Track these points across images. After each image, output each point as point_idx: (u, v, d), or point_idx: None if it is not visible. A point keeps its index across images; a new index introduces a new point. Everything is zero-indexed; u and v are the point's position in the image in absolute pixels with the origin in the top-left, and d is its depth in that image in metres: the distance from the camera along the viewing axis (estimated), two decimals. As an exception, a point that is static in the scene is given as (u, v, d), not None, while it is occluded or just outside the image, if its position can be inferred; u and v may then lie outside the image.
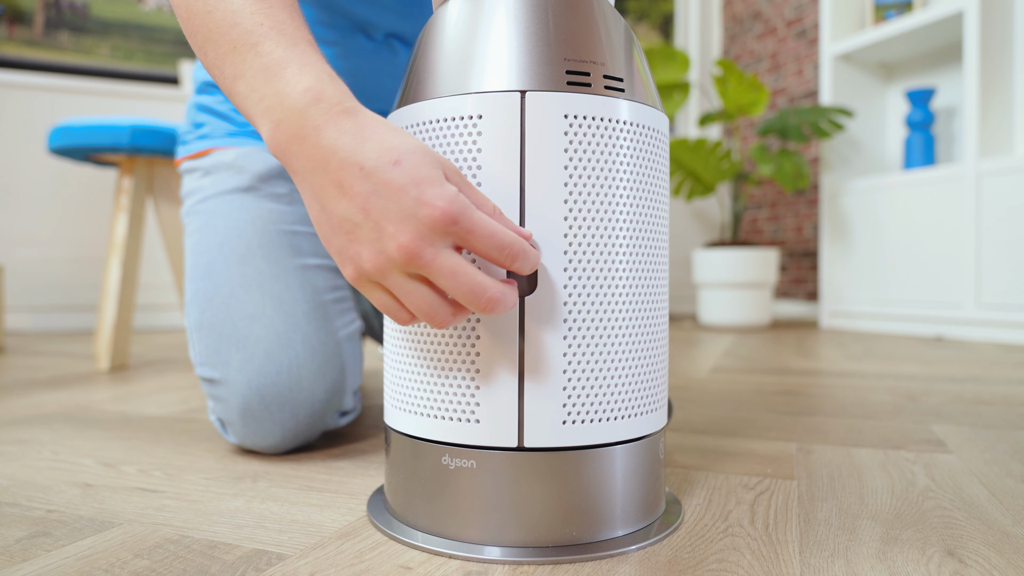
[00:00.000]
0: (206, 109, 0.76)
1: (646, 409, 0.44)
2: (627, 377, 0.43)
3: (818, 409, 0.89)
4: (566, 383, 0.41)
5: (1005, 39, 1.92)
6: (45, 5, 2.33)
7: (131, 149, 1.30)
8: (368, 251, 0.37)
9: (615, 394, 0.42)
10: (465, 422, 0.42)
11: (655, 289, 0.45)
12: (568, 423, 0.41)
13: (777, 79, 2.85)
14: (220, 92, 0.76)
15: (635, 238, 0.43)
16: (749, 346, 1.70)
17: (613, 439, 0.42)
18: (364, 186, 0.37)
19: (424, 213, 0.36)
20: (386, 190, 0.36)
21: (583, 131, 0.40)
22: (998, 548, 0.43)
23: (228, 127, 0.74)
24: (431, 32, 0.45)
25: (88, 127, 1.30)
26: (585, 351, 0.41)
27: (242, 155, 0.71)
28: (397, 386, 0.45)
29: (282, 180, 0.70)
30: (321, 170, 0.38)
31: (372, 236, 0.37)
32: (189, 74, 2.44)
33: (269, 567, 0.40)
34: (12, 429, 0.78)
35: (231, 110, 0.75)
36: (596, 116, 0.40)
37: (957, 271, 1.89)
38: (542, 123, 0.40)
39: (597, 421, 0.42)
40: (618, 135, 0.41)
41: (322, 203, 0.39)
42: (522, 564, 0.40)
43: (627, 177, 0.42)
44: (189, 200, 0.73)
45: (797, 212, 2.77)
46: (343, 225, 0.38)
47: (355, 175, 0.37)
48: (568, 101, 0.40)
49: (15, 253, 2.21)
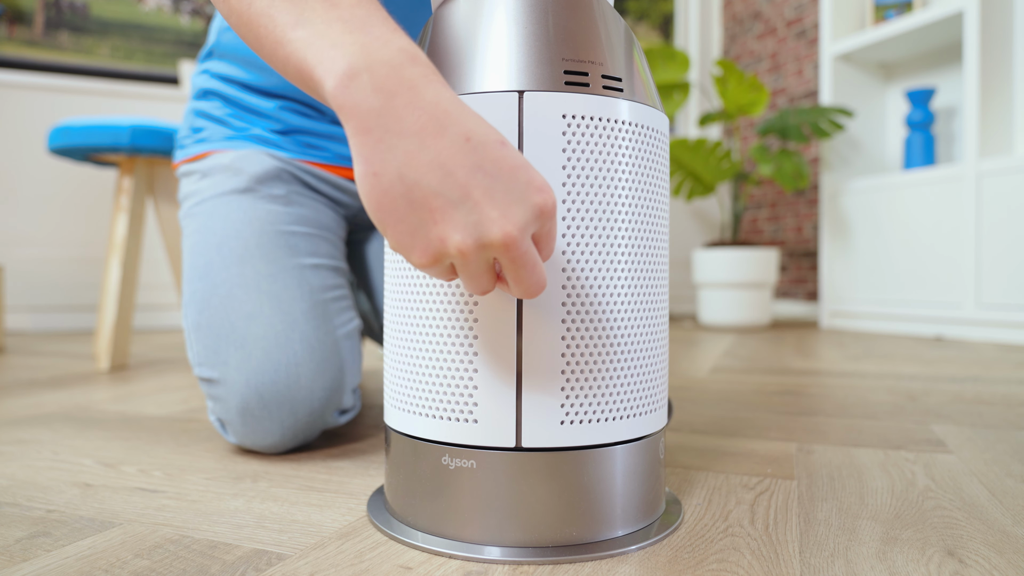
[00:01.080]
0: (204, 115, 0.76)
1: (646, 409, 0.44)
2: (626, 377, 0.43)
3: (818, 409, 0.89)
4: (564, 383, 0.41)
5: (1005, 39, 1.92)
6: (45, 5, 2.33)
7: (131, 149, 1.30)
8: (460, 235, 0.33)
9: (614, 394, 0.42)
10: (463, 422, 0.41)
11: (655, 289, 0.45)
12: (567, 423, 0.41)
13: (777, 79, 2.85)
14: (217, 98, 0.76)
15: (635, 238, 0.43)
16: (749, 346, 1.70)
17: (612, 439, 0.42)
18: (468, 159, 0.32)
19: (536, 200, 0.33)
20: (494, 168, 0.32)
21: (581, 131, 0.40)
22: (998, 548, 0.43)
23: (226, 131, 0.74)
24: (430, 32, 0.45)
25: (88, 127, 1.30)
26: (584, 351, 0.41)
27: (239, 157, 0.71)
28: (396, 386, 0.45)
29: (279, 182, 0.70)
30: (413, 131, 0.32)
31: (469, 218, 0.32)
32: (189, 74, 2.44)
33: (269, 567, 0.40)
34: (12, 429, 0.78)
35: (228, 115, 0.75)
36: (595, 116, 0.40)
37: (957, 271, 1.89)
38: (540, 123, 0.40)
39: (596, 421, 0.41)
40: (617, 135, 0.41)
41: (403, 170, 0.33)
42: (522, 564, 0.40)
43: (627, 177, 0.42)
44: (187, 203, 0.73)
45: (797, 212, 2.77)
46: (430, 201, 0.33)
47: (459, 144, 0.32)
48: (566, 101, 0.40)
49: (15, 253, 2.21)
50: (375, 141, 0.33)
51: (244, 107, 0.75)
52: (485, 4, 0.43)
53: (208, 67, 0.77)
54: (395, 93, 0.33)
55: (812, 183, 2.66)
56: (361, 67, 0.33)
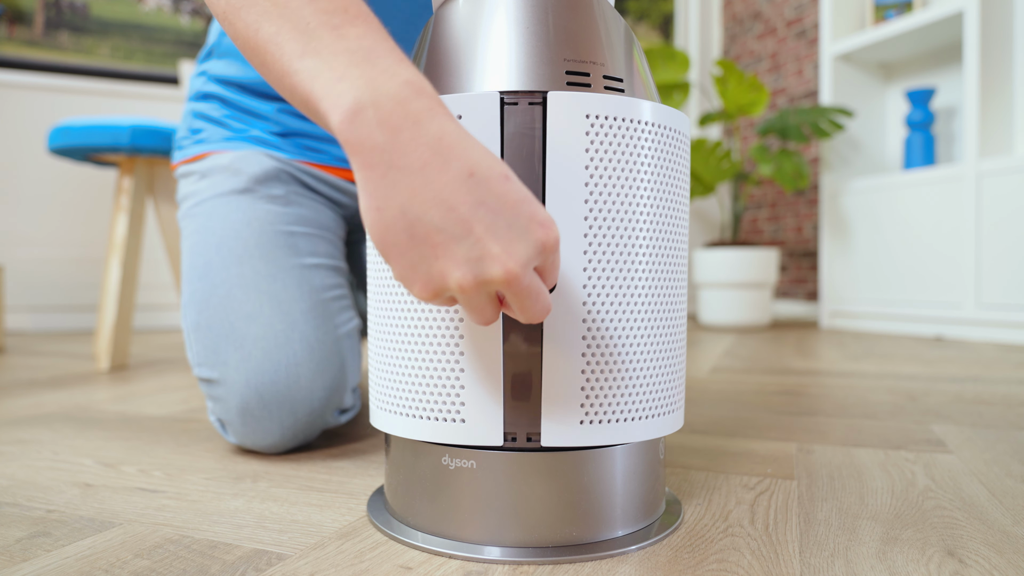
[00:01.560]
0: (203, 116, 0.76)
1: (665, 410, 0.44)
2: (646, 378, 0.42)
3: (818, 409, 0.89)
4: (584, 383, 0.40)
5: (1005, 39, 1.92)
6: (45, 5, 2.33)
7: (131, 149, 1.30)
8: (460, 271, 0.33)
9: (634, 395, 0.42)
10: (451, 422, 0.41)
11: (674, 289, 0.44)
12: (586, 423, 0.41)
13: (777, 79, 2.85)
14: (216, 100, 0.76)
15: (655, 240, 0.42)
16: (749, 346, 1.70)
17: (631, 440, 0.42)
18: (471, 195, 0.32)
19: (539, 235, 0.33)
20: (497, 203, 0.32)
21: (604, 132, 0.40)
22: (998, 548, 0.43)
23: (224, 132, 0.74)
24: (431, 32, 0.45)
25: (88, 127, 1.30)
26: (604, 352, 0.41)
27: (238, 158, 0.71)
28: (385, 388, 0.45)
29: (278, 182, 0.71)
30: (417, 168, 0.33)
31: (471, 254, 0.33)
32: (189, 74, 2.44)
33: (269, 567, 0.40)
34: (12, 429, 0.78)
35: (226, 116, 0.75)
36: (617, 116, 0.40)
37: (957, 271, 1.89)
38: (563, 123, 0.39)
39: (615, 422, 0.41)
40: (640, 136, 0.41)
41: (405, 206, 0.33)
42: (522, 564, 0.40)
43: (648, 178, 0.42)
44: (186, 203, 0.73)
45: (797, 212, 2.77)
46: (432, 237, 0.33)
47: (462, 180, 0.33)
48: (589, 101, 0.39)
49: (15, 253, 2.21)
50: (379, 176, 0.33)
51: (243, 109, 0.75)
52: (486, 4, 0.43)
53: (207, 68, 0.77)
54: (400, 128, 0.33)
55: (812, 183, 2.66)
56: (366, 102, 0.34)
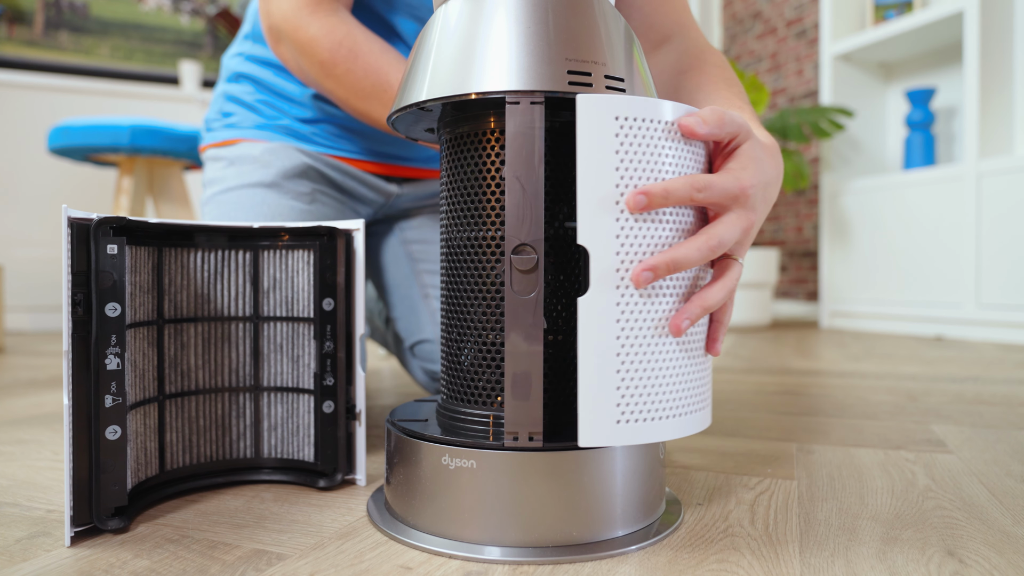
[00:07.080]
0: (235, 99, 0.76)
1: (695, 408, 0.44)
2: (677, 376, 0.42)
3: (818, 409, 0.89)
4: (619, 383, 0.40)
5: (1005, 39, 1.92)
6: (45, 5, 2.33)
7: (131, 149, 1.30)
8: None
9: (666, 393, 0.42)
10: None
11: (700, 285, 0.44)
12: (622, 423, 0.41)
13: (777, 79, 2.85)
14: (249, 81, 0.76)
15: (681, 237, 0.42)
16: (749, 346, 1.70)
17: (665, 438, 0.42)
18: None
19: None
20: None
21: (631, 133, 0.40)
22: (998, 548, 0.43)
23: (256, 119, 0.74)
24: (431, 32, 0.45)
25: (88, 127, 1.30)
26: (638, 351, 0.41)
27: (269, 150, 0.71)
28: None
29: (305, 179, 0.71)
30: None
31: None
32: (189, 74, 2.45)
33: (269, 567, 0.40)
34: (12, 429, 0.78)
35: (258, 101, 0.75)
36: (642, 117, 0.40)
37: (957, 271, 1.89)
38: (594, 124, 0.39)
39: (649, 420, 0.41)
40: (663, 136, 0.41)
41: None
42: (522, 564, 0.40)
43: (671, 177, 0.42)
44: (211, 188, 0.73)
45: (797, 212, 2.77)
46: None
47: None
48: (617, 103, 0.40)
49: (15, 253, 2.21)
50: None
51: (276, 92, 0.74)
52: (486, 4, 0.43)
53: (243, 49, 0.77)
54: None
55: (812, 183, 2.66)
56: None
